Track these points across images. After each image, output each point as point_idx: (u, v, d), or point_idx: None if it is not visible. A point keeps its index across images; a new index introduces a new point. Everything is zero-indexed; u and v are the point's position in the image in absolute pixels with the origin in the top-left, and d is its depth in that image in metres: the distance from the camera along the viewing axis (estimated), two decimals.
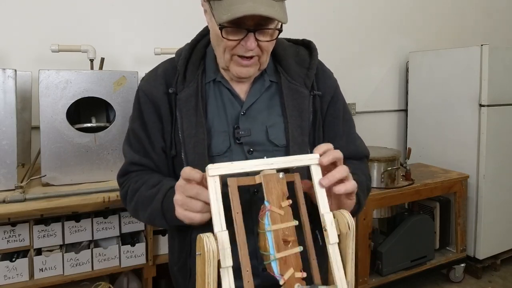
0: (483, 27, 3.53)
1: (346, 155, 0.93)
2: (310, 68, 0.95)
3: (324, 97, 0.95)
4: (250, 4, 0.75)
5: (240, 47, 0.82)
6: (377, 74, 3.05)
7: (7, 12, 1.94)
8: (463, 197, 2.56)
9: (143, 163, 0.93)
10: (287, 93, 0.91)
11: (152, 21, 2.25)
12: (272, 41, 0.84)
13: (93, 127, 1.71)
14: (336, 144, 0.92)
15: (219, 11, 0.78)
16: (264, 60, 0.87)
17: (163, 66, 0.96)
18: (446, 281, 2.62)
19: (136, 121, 0.94)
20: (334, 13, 2.81)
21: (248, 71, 0.86)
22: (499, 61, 2.56)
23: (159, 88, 0.91)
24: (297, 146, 0.88)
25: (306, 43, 1.00)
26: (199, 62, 0.93)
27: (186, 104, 0.89)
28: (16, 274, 1.52)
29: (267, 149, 0.89)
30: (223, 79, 0.92)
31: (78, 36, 2.03)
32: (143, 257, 1.71)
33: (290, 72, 0.93)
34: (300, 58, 0.97)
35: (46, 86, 1.57)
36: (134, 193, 0.90)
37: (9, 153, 1.53)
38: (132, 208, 0.92)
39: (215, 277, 0.60)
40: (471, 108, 2.59)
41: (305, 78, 0.94)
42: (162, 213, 0.83)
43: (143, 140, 0.93)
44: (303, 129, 0.90)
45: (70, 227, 1.60)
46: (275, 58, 0.96)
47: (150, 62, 2.24)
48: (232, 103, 0.92)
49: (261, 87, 0.93)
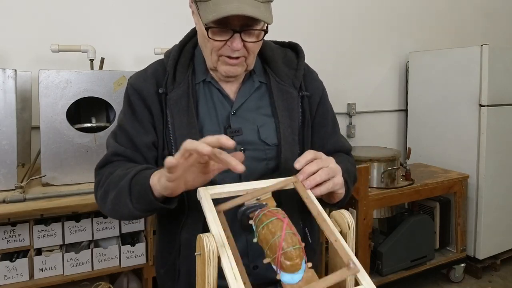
0: (483, 27, 3.53)
1: (336, 149, 1.01)
2: (298, 69, 0.97)
3: (313, 97, 0.98)
4: (235, 5, 0.76)
5: (226, 47, 0.83)
6: (377, 74, 3.05)
7: (7, 12, 1.94)
8: (463, 197, 2.56)
9: (128, 155, 0.89)
10: (276, 94, 0.93)
11: (152, 21, 2.25)
12: (258, 42, 0.85)
13: (93, 127, 1.71)
14: (327, 141, 1.00)
15: (205, 12, 0.79)
16: (250, 61, 0.89)
17: (153, 67, 0.97)
18: (446, 281, 2.62)
19: (126, 116, 0.92)
20: (334, 13, 2.81)
21: (236, 70, 0.87)
22: (499, 61, 2.56)
23: (149, 87, 0.91)
24: (288, 145, 0.91)
25: (293, 45, 1.02)
26: (188, 63, 0.94)
27: (177, 104, 0.89)
28: (16, 274, 1.52)
29: (259, 148, 0.91)
30: (213, 79, 0.93)
31: (78, 36, 2.03)
32: (143, 257, 1.71)
33: (278, 73, 0.95)
34: (287, 60, 0.98)
35: (46, 86, 1.57)
36: (107, 177, 0.86)
37: (9, 153, 1.53)
38: (101, 194, 0.86)
39: (215, 277, 0.60)
40: (471, 108, 2.59)
41: (293, 79, 0.96)
42: (129, 189, 0.78)
43: (133, 133, 0.90)
44: (293, 129, 0.93)
45: (70, 227, 1.60)
46: (263, 60, 0.97)
47: (150, 62, 2.23)
48: (222, 103, 0.93)
49: (251, 87, 0.95)
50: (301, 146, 0.94)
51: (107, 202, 0.84)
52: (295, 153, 0.91)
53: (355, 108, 2.91)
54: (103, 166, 0.91)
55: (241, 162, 0.68)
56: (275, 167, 0.91)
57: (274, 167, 0.91)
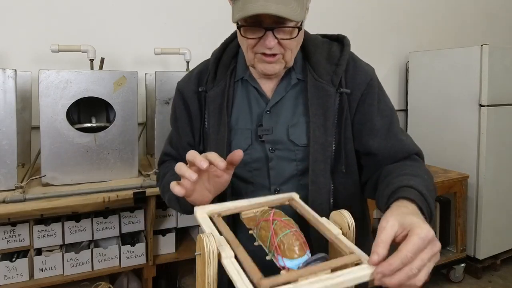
0: (483, 27, 3.53)
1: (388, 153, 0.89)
2: (339, 65, 0.90)
3: (353, 94, 0.89)
4: (261, 3, 0.74)
5: (260, 45, 0.82)
6: (377, 74, 3.04)
7: (7, 12, 1.94)
8: (463, 197, 2.55)
9: (173, 155, 1.03)
10: (311, 92, 0.89)
11: (152, 21, 2.24)
12: (293, 39, 0.82)
13: (93, 127, 1.71)
14: (373, 141, 0.89)
15: (234, 10, 0.80)
16: (289, 58, 0.85)
17: (200, 66, 1.01)
18: (446, 281, 2.62)
19: (172, 118, 1.03)
20: (334, 14, 2.81)
21: (273, 68, 0.85)
22: (499, 61, 2.56)
23: (191, 87, 0.97)
24: (319, 146, 0.86)
25: (341, 38, 0.96)
26: (230, 61, 0.96)
27: (213, 103, 0.93)
28: (16, 274, 1.52)
29: (288, 147, 0.89)
30: (250, 77, 0.93)
31: (78, 36, 2.03)
32: (143, 257, 1.71)
33: (317, 69, 0.90)
34: (331, 55, 0.93)
35: (46, 86, 1.57)
36: (162, 178, 1.00)
37: (9, 153, 1.53)
38: (161, 190, 1.01)
39: (215, 277, 0.60)
40: (471, 108, 2.59)
41: (332, 75, 0.89)
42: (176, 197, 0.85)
43: (175, 136, 1.03)
44: (326, 129, 0.87)
45: (70, 227, 1.60)
46: (305, 55, 0.93)
47: (150, 62, 2.26)
48: (257, 101, 0.93)
49: (287, 85, 0.92)
50: (336, 147, 0.88)
51: (165, 199, 0.98)
52: (327, 154, 0.86)
53: None
54: (159, 164, 1.08)
55: (241, 158, 0.74)
56: (305, 169, 0.88)
57: (304, 169, 0.88)
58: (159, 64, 2.22)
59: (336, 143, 0.88)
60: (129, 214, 1.70)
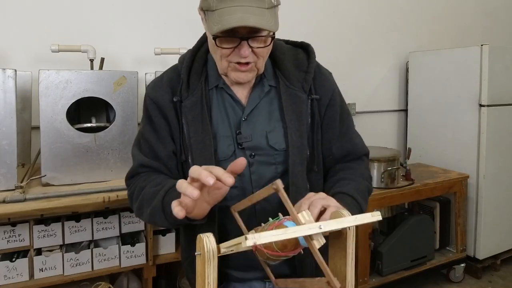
0: (483, 27, 3.53)
1: (342, 154, 1.00)
2: (308, 72, 0.96)
3: (322, 100, 0.97)
4: (239, 15, 0.76)
5: (235, 54, 0.84)
6: (377, 74, 3.05)
7: (7, 12, 1.94)
8: (463, 197, 2.56)
9: (152, 166, 0.95)
10: (285, 98, 0.94)
11: (152, 21, 2.25)
12: (266, 47, 0.86)
13: (93, 127, 1.71)
14: (333, 145, 0.99)
15: (211, 22, 0.80)
16: (260, 65, 0.89)
17: (168, 75, 0.99)
18: (446, 281, 2.62)
19: (146, 126, 0.97)
20: (334, 13, 2.81)
21: (247, 76, 0.89)
22: (499, 61, 2.56)
23: (165, 96, 0.94)
24: (296, 149, 0.91)
25: (305, 46, 1.02)
26: (201, 69, 0.96)
27: (191, 111, 0.92)
28: (16, 274, 1.52)
29: (268, 153, 0.93)
30: (225, 84, 0.95)
31: (78, 36, 2.03)
32: (143, 257, 1.71)
33: (288, 76, 0.96)
34: (298, 62, 0.98)
35: (46, 86, 1.57)
36: (140, 192, 0.91)
37: (9, 153, 1.53)
38: (137, 207, 0.92)
39: (215, 277, 0.60)
40: (471, 108, 2.59)
41: (303, 82, 0.96)
42: (162, 209, 0.82)
43: (153, 144, 0.95)
44: (301, 133, 0.93)
45: (70, 227, 1.60)
46: (274, 62, 0.98)
47: (150, 62, 2.26)
48: (233, 108, 0.94)
49: (261, 92, 0.95)
50: (310, 149, 0.95)
51: (144, 215, 0.90)
52: (303, 156, 0.93)
53: (355, 108, 2.91)
54: (131, 177, 0.97)
55: (244, 168, 0.71)
56: (284, 171, 0.92)
57: (283, 171, 0.92)
58: (159, 64, 2.22)
59: (310, 145, 0.95)
60: (129, 214, 1.70)
